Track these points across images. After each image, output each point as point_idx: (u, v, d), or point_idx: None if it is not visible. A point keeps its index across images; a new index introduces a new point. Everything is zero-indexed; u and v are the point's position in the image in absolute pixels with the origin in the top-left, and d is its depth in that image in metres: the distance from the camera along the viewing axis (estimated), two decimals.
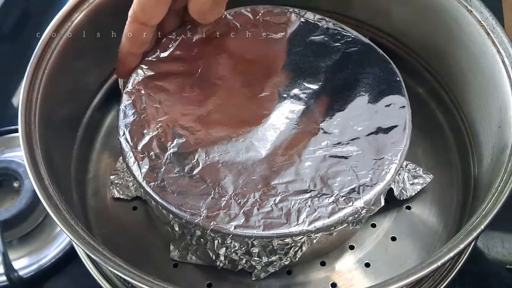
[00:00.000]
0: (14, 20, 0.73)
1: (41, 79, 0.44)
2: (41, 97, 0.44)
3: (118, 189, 0.50)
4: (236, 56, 0.48)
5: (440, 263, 0.35)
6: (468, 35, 0.47)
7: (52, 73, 0.45)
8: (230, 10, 0.49)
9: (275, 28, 0.49)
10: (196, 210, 0.39)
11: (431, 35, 0.51)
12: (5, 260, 0.51)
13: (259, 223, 0.39)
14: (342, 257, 0.47)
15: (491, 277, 0.52)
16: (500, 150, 0.42)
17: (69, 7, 0.47)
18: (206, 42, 0.48)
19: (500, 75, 0.44)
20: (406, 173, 0.48)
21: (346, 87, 0.46)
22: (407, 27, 0.53)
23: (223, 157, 0.42)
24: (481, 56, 0.46)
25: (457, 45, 0.49)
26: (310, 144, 0.43)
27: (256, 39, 0.49)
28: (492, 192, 0.39)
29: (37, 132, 0.43)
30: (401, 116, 0.44)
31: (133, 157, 0.42)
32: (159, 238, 0.48)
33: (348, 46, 0.48)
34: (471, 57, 0.47)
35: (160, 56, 0.47)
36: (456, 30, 0.48)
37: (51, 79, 0.45)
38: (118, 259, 0.36)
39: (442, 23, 0.49)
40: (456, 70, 0.50)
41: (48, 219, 0.56)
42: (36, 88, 0.44)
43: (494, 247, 0.53)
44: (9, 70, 0.68)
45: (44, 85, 0.45)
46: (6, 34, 0.72)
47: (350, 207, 0.40)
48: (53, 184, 0.40)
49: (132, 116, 0.44)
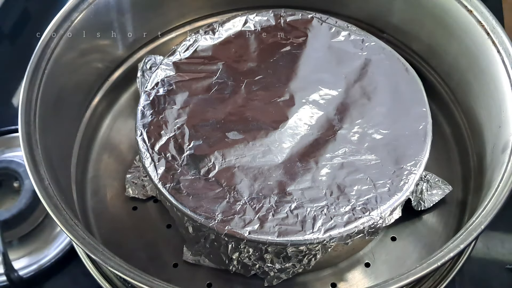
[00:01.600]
0: (14, 20, 0.73)
1: (41, 79, 0.44)
2: (41, 97, 0.44)
3: (134, 188, 0.50)
4: (255, 59, 0.48)
5: (440, 263, 0.35)
6: (468, 35, 0.47)
7: (52, 73, 0.45)
8: (252, 12, 0.49)
9: (296, 32, 0.49)
10: (211, 213, 0.39)
11: (431, 35, 0.51)
12: (5, 260, 0.51)
13: (274, 229, 0.39)
14: None
15: (491, 277, 0.52)
16: (500, 150, 0.42)
17: (69, 7, 0.47)
18: (226, 44, 0.48)
19: (500, 75, 0.44)
20: (424, 184, 0.47)
21: (366, 95, 0.46)
22: (407, 27, 0.53)
23: (240, 161, 0.42)
24: (481, 56, 0.46)
25: (457, 45, 0.49)
26: (328, 151, 0.43)
27: (277, 43, 0.49)
28: (492, 192, 0.39)
29: (37, 132, 0.42)
30: (422, 126, 0.44)
31: (149, 157, 0.42)
32: (159, 238, 0.48)
33: (369, 53, 0.48)
34: (471, 57, 0.47)
35: (180, 57, 0.47)
36: (456, 30, 0.48)
37: (51, 79, 0.45)
38: (118, 259, 0.36)
39: (442, 23, 0.49)
40: (456, 70, 0.50)
41: (48, 219, 0.56)
42: (36, 88, 0.44)
43: (494, 247, 0.53)
44: (9, 70, 0.68)
45: (44, 85, 0.45)
46: (6, 34, 0.72)
47: (366, 217, 0.39)
48: (53, 184, 0.40)
49: (150, 117, 0.44)
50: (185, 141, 0.43)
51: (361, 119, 0.45)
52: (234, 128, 0.44)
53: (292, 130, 0.44)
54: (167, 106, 0.45)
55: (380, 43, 0.49)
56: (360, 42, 0.49)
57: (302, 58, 0.48)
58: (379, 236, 0.47)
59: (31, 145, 0.42)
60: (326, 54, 0.48)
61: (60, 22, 0.47)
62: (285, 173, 0.42)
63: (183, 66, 0.47)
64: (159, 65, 0.47)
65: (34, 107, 0.43)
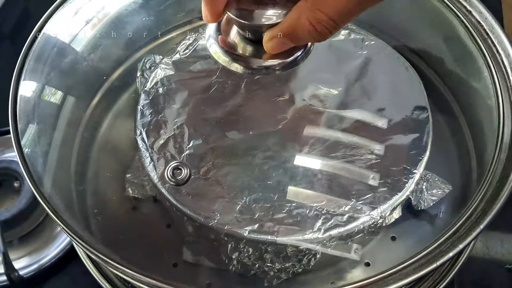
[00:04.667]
0: (14, 20, 0.73)
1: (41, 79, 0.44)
2: (41, 97, 0.44)
3: (133, 188, 0.50)
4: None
5: (440, 263, 0.35)
6: (467, 35, 0.47)
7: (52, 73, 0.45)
8: None
9: None
10: (211, 213, 0.39)
11: (431, 35, 0.51)
12: (5, 260, 0.51)
13: (274, 229, 0.39)
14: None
15: (491, 276, 0.52)
16: (500, 150, 0.42)
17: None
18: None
19: (500, 75, 0.44)
20: (425, 183, 0.47)
21: (367, 94, 0.46)
22: (407, 27, 0.53)
23: (239, 161, 0.42)
24: (480, 56, 0.46)
25: (456, 44, 0.49)
26: (328, 150, 0.43)
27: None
28: (492, 192, 0.39)
29: (37, 132, 0.43)
30: (422, 126, 0.44)
31: (149, 157, 0.42)
32: (159, 238, 0.48)
33: (369, 52, 0.48)
34: (470, 57, 0.47)
35: (180, 56, 0.47)
36: (455, 30, 0.48)
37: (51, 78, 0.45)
38: (118, 259, 0.36)
39: (441, 22, 0.49)
40: (456, 69, 0.50)
41: (48, 219, 0.56)
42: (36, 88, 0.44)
43: (494, 247, 0.53)
44: (9, 70, 0.68)
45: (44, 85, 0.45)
46: (6, 34, 0.72)
47: (367, 216, 0.39)
48: (53, 184, 0.40)
49: (150, 116, 0.44)
50: (185, 140, 0.43)
51: (361, 118, 0.45)
52: (234, 128, 0.44)
53: (292, 129, 0.44)
54: (166, 105, 0.45)
55: (380, 42, 0.49)
56: (360, 41, 0.49)
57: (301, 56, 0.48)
58: (379, 236, 0.47)
59: (31, 145, 0.42)
60: (326, 53, 0.48)
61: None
62: (285, 173, 0.42)
63: (183, 65, 0.47)
64: (159, 64, 0.47)
65: (34, 107, 0.43)
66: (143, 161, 0.42)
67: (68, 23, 0.47)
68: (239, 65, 0.37)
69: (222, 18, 0.36)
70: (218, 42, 0.37)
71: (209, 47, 0.37)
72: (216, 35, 0.37)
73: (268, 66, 0.37)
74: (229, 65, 0.37)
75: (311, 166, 0.42)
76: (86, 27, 0.48)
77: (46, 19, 0.46)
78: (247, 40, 0.36)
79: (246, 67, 0.37)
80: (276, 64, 0.37)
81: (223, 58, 0.37)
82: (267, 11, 0.33)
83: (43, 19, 0.46)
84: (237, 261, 0.42)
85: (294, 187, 0.41)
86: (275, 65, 0.36)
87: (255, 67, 0.37)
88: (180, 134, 0.43)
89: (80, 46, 0.48)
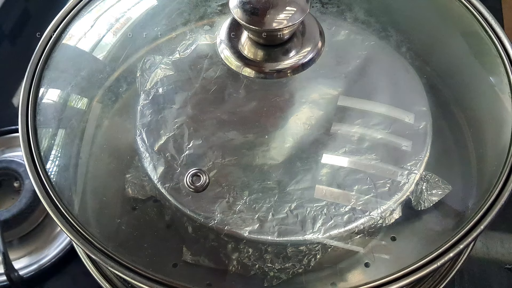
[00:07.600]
0: (14, 20, 0.73)
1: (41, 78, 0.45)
2: (41, 97, 0.44)
3: (133, 188, 0.50)
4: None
5: (440, 263, 0.35)
6: (467, 35, 0.47)
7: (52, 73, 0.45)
8: None
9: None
10: (210, 213, 0.39)
11: (430, 34, 0.51)
12: (5, 260, 0.51)
13: (274, 229, 0.39)
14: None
15: (491, 277, 0.52)
16: (500, 150, 0.42)
17: (69, 8, 0.47)
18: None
19: (500, 75, 0.44)
20: (424, 184, 0.46)
21: (366, 94, 0.46)
22: (407, 27, 0.53)
23: (239, 161, 0.42)
24: (481, 56, 0.46)
25: (456, 44, 0.49)
26: (328, 150, 0.43)
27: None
28: (492, 192, 0.39)
29: (37, 132, 0.43)
30: (422, 126, 0.44)
31: (149, 157, 0.42)
32: (159, 238, 0.48)
33: (369, 53, 0.48)
34: (470, 57, 0.47)
35: (180, 56, 0.47)
36: (455, 30, 0.48)
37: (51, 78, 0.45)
38: (118, 259, 0.36)
39: (441, 22, 0.49)
40: (455, 69, 0.50)
41: (48, 219, 0.56)
42: (36, 88, 0.44)
43: (494, 247, 0.53)
44: (9, 70, 0.68)
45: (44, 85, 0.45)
46: (6, 34, 0.72)
47: (366, 217, 0.39)
48: (53, 184, 0.40)
49: (149, 116, 0.44)
50: (185, 140, 0.43)
51: (361, 118, 0.45)
52: (234, 128, 0.44)
53: (292, 129, 0.44)
54: (166, 105, 0.45)
55: (380, 43, 0.49)
56: (360, 42, 0.49)
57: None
58: (379, 236, 0.47)
59: (31, 145, 0.42)
60: (326, 53, 0.48)
61: (60, 22, 0.47)
62: (285, 173, 0.42)
63: (183, 65, 0.47)
64: (159, 64, 0.47)
65: (34, 107, 0.43)
66: (143, 161, 0.42)
67: (71, 25, 0.47)
68: (251, 69, 0.37)
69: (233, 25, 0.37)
70: (229, 48, 0.37)
71: (221, 52, 0.38)
72: (227, 41, 0.37)
73: (280, 70, 0.37)
74: (241, 70, 0.38)
75: (311, 166, 0.42)
76: (87, 27, 0.48)
77: (60, 19, 0.46)
78: (258, 44, 0.37)
79: (259, 71, 0.37)
80: (288, 67, 0.37)
81: (235, 63, 0.38)
82: (277, 16, 0.34)
83: (57, 19, 0.46)
84: (237, 262, 0.42)
85: (294, 187, 0.41)
86: (287, 68, 0.37)
87: (267, 71, 0.37)
88: (180, 134, 0.43)
89: (80, 46, 0.48)
